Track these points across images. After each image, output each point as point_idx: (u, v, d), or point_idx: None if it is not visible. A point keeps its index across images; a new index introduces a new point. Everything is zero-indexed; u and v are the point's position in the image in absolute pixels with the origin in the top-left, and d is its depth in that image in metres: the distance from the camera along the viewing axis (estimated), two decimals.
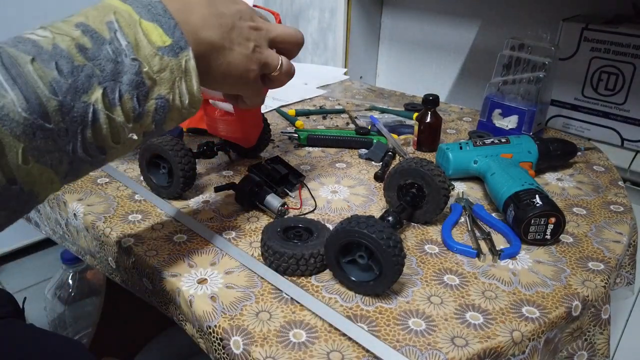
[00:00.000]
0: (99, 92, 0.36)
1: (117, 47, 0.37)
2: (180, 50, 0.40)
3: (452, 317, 0.47)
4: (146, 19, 0.39)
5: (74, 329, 1.35)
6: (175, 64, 0.39)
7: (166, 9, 0.40)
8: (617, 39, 0.86)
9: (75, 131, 0.35)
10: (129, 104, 0.38)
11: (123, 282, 0.60)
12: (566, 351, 0.53)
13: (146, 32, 0.38)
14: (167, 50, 0.39)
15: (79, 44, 0.35)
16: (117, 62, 0.37)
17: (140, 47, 0.38)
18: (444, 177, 0.59)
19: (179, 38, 0.40)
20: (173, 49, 0.39)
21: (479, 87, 1.19)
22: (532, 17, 1.08)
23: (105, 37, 0.37)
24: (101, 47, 0.36)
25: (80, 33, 0.36)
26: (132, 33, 0.38)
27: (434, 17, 1.25)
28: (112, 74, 0.36)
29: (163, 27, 0.39)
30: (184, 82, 0.41)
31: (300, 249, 0.51)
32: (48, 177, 0.35)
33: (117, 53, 0.37)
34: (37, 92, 0.33)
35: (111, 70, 0.36)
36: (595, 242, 0.59)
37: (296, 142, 0.85)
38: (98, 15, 0.37)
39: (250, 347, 0.43)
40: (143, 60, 0.38)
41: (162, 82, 0.39)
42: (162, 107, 0.40)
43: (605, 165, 0.79)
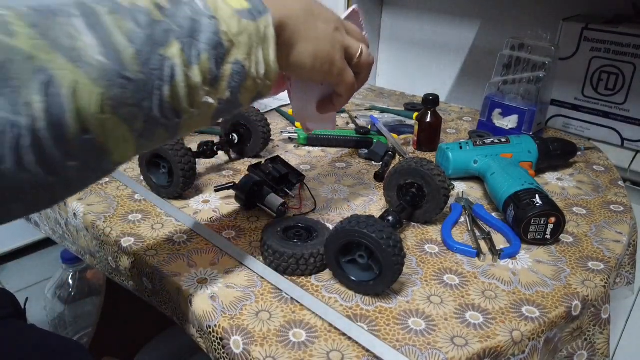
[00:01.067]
0: (176, 47, 0.35)
1: (195, 7, 0.36)
2: (259, 14, 0.39)
3: (452, 316, 0.47)
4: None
5: (74, 329, 1.35)
6: (254, 28, 0.38)
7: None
8: (617, 39, 0.85)
9: (153, 85, 0.34)
10: (206, 65, 0.36)
11: (123, 282, 0.60)
12: (566, 351, 0.53)
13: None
14: (246, 13, 0.38)
15: (156, 3, 0.35)
16: (194, 20, 0.36)
17: (218, 8, 0.37)
18: (444, 176, 0.59)
19: (258, 2, 0.39)
20: (251, 13, 0.38)
21: (479, 87, 1.19)
22: (532, 17, 1.08)
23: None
24: (178, 6, 0.36)
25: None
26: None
27: (434, 17, 1.25)
28: (190, 31, 0.35)
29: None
30: (261, 49, 0.39)
31: (300, 248, 0.51)
32: (122, 133, 0.34)
33: (194, 12, 0.36)
34: (113, 40, 0.32)
35: (189, 27, 0.35)
36: (595, 241, 0.59)
37: (296, 142, 0.85)
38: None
39: (250, 347, 0.43)
40: (221, 21, 0.37)
41: (239, 46, 0.38)
42: (237, 73, 0.39)
43: (605, 165, 0.79)
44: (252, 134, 0.77)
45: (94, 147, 0.33)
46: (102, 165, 0.35)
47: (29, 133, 0.29)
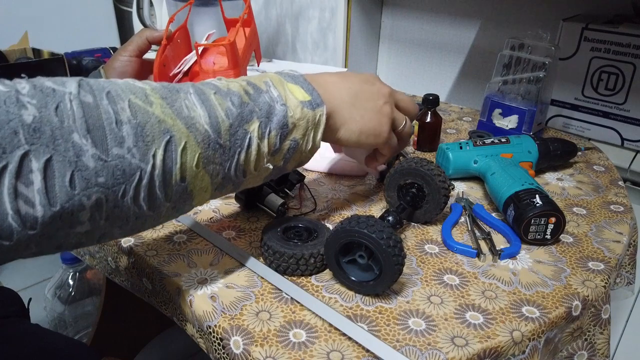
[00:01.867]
0: (256, 124, 0.45)
1: (271, 96, 0.47)
2: (317, 106, 0.49)
3: (452, 316, 0.47)
4: (291, 82, 0.49)
5: (74, 329, 1.35)
6: (312, 115, 0.48)
7: (306, 80, 0.50)
8: (617, 39, 0.85)
9: (235, 151, 0.44)
10: (273, 139, 0.46)
11: (123, 282, 0.60)
12: (566, 351, 0.53)
13: (291, 90, 0.48)
14: (307, 104, 0.48)
15: (245, 89, 0.46)
16: (271, 105, 0.46)
17: (288, 99, 0.47)
18: (444, 176, 0.59)
19: (316, 97, 0.49)
20: (311, 104, 0.48)
21: (479, 87, 1.19)
22: (532, 17, 1.08)
23: (263, 88, 0.47)
24: (260, 94, 0.46)
25: (246, 83, 0.46)
26: (282, 89, 0.48)
27: (434, 17, 1.25)
28: (267, 113, 0.46)
29: (304, 88, 0.49)
30: (313, 132, 0.49)
31: (300, 248, 0.51)
32: (205, 184, 0.43)
33: (271, 99, 0.46)
34: (216, 114, 0.42)
35: (266, 110, 0.46)
36: (596, 242, 0.59)
37: None
38: (257, 77, 0.48)
39: (250, 347, 0.43)
40: (290, 108, 0.47)
41: (299, 128, 0.48)
42: (293, 148, 0.48)
43: (605, 165, 0.79)
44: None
45: (185, 192, 0.42)
46: (184, 207, 0.43)
47: (148, 177, 0.38)
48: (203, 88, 0.44)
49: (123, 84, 0.39)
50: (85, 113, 0.34)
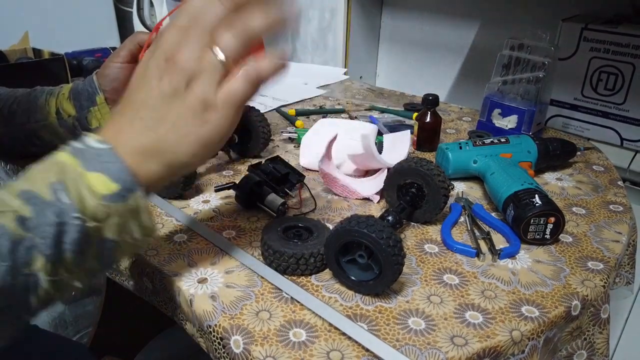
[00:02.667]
0: (40, 262, 0.35)
1: (60, 210, 0.36)
2: (128, 192, 0.39)
3: (451, 316, 0.47)
4: (91, 170, 0.38)
5: (74, 329, 1.35)
6: (123, 208, 0.39)
7: (115, 153, 0.39)
8: (617, 39, 0.86)
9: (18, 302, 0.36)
10: (71, 262, 0.37)
11: (123, 282, 0.60)
12: (565, 350, 0.53)
13: (91, 184, 0.37)
14: (114, 197, 0.38)
15: (19, 217, 0.35)
16: (59, 224, 0.36)
17: (84, 200, 0.37)
18: (443, 176, 0.59)
19: (128, 183, 0.38)
20: (120, 194, 0.38)
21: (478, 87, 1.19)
22: (532, 17, 1.08)
23: (47, 200, 0.36)
24: (44, 212, 0.36)
25: (21, 203, 0.36)
26: (76, 189, 0.37)
27: (434, 17, 1.25)
28: (55, 238, 0.36)
29: (109, 173, 0.38)
30: (135, 219, 0.40)
31: (300, 248, 0.51)
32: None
33: (59, 215, 0.36)
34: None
35: (53, 234, 0.36)
36: (595, 241, 0.59)
37: (296, 142, 0.85)
38: (43, 178, 0.37)
39: (251, 347, 0.43)
40: (87, 214, 0.37)
41: (109, 228, 0.38)
42: (107, 249, 0.39)
43: (604, 165, 0.79)
44: (252, 134, 0.77)
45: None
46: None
47: None
48: None
49: None
50: None
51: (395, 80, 1.40)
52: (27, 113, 0.70)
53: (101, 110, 0.70)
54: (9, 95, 0.72)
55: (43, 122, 0.70)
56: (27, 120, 0.70)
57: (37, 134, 0.71)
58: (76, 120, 0.71)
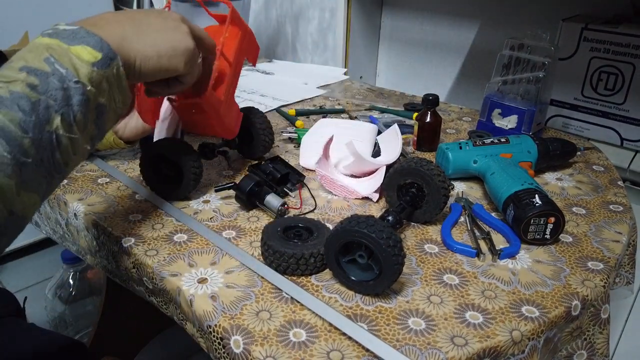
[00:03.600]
0: (58, 120, 0.41)
1: (60, 76, 0.41)
2: (111, 60, 0.45)
3: (451, 316, 0.47)
4: (76, 44, 0.43)
5: (75, 329, 1.35)
6: (109, 73, 0.45)
7: (88, 30, 0.44)
8: (617, 39, 0.86)
9: (48, 157, 0.41)
10: (80, 121, 0.43)
11: (123, 282, 0.60)
12: (565, 350, 0.53)
13: (78, 54, 0.43)
14: (100, 64, 0.44)
15: (29, 84, 0.40)
16: (64, 88, 0.41)
17: (79, 69, 0.42)
18: (443, 176, 0.59)
19: (107, 49, 0.44)
20: (105, 61, 0.44)
21: (478, 87, 1.19)
22: (532, 17, 1.08)
23: (48, 70, 0.41)
24: (47, 80, 0.41)
25: (26, 74, 0.40)
26: (67, 60, 0.42)
27: (434, 17, 1.25)
28: (64, 100, 0.41)
29: (90, 44, 0.44)
30: (117, 86, 0.46)
31: (300, 248, 0.51)
32: (34, 201, 0.41)
33: (62, 80, 0.41)
34: (13, 135, 0.38)
35: (62, 97, 0.41)
36: (595, 241, 0.59)
37: (296, 142, 0.85)
38: (34, 56, 0.42)
39: (251, 347, 0.43)
40: (84, 79, 0.43)
41: (101, 92, 0.44)
42: (101, 112, 0.45)
43: (604, 165, 0.79)
44: (253, 138, 0.76)
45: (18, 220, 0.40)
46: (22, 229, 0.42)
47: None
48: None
49: None
50: None
51: (395, 80, 1.40)
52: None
53: None
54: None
55: None
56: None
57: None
58: None
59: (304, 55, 1.44)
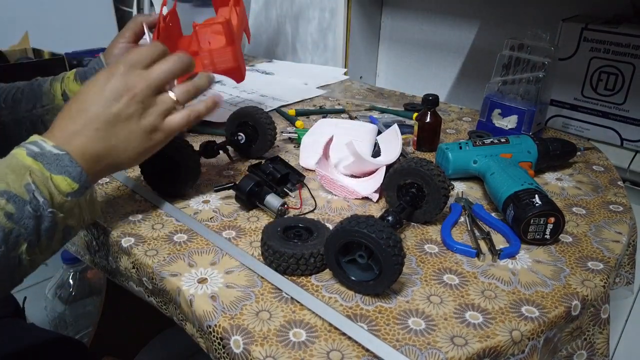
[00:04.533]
0: (24, 247, 0.44)
1: (36, 204, 0.45)
2: (85, 189, 0.49)
3: (451, 316, 0.47)
4: (56, 173, 0.47)
5: (75, 329, 1.35)
6: (83, 200, 0.49)
7: (71, 158, 0.48)
8: (617, 39, 0.86)
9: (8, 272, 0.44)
10: (45, 244, 0.47)
11: (123, 282, 0.60)
12: (565, 350, 0.53)
13: (57, 184, 0.47)
14: (75, 194, 0.48)
15: (6, 212, 0.43)
16: (37, 217, 0.45)
17: (54, 197, 0.46)
18: (443, 176, 0.59)
19: (84, 181, 0.48)
20: (80, 191, 0.48)
21: (478, 87, 1.19)
22: (532, 17, 1.08)
23: (26, 198, 0.44)
24: (23, 208, 0.44)
25: (5, 201, 0.44)
26: (46, 189, 0.46)
27: (434, 17, 1.25)
28: (35, 228, 0.45)
29: (70, 176, 0.47)
30: (88, 209, 0.50)
31: (300, 248, 0.51)
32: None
33: (36, 209, 0.45)
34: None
35: (33, 225, 0.45)
36: (595, 241, 0.59)
37: (296, 142, 0.85)
38: (17, 179, 0.45)
39: (250, 347, 0.43)
40: (57, 208, 0.46)
41: (71, 217, 0.48)
42: (68, 233, 0.49)
43: (604, 165, 0.79)
44: (259, 135, 0.76)
45: None
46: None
47: None
48: None
49: None
50: None
51: (395, 80, 1.40)
52: (32, 100, 0.72)
53: None
54: (10, 86, 0.74)
55: (49, 106, 0.72)
56: (33, 106, 0.72)
57: (42, 119, 0.72)
58: None
59: (304, 56, 1.44)
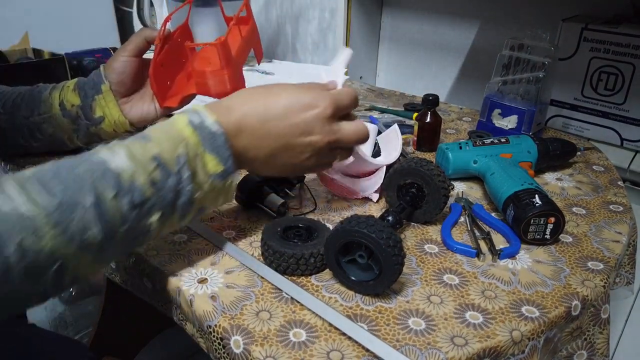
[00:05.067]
0: (157, 215, 0.44)
1: (180, 178, 0.45)
2: (228, 175, 0.48)
3: (451, 316, 0.47)
4: (209, 150, 0.46)
5: (75, 329, 1.35)
6: (221, 185, 0.48)
7: (226, 140, 0.47)
8: (617, 39, 0.86)
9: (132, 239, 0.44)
10: (177, 217, 0.46)
11: (123, 282, 0.60)
12: (565, 351, 0.53)
13: (205, 162, 0.46)
14: (218, 176, 0.47)
15: (152, 178, 0.43)
16: (177, 190, 0.45)
17: (198, 175, 0.46)
18: (443, 176, 0.59)
19: (230, 167, 0.48)
20: (223, 175, 0.48)
21: (478, 87, 1.19)
22: (532, 17, 1.08)
23: (173, 170, 0.44)
24: (168, 179, 0.44)
25: (154, 167, 0.44)
26: (194, 164, 0.46)
27: (434, 17, 1.25)
28: (171, 201, 0.45)
29: (220, 157, 0.47)
30: (222, 195, 0.50)
31: (300, 248, 0.51)
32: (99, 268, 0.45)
33: (179, 182, 0.45)
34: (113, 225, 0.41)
35: (171, 198, 0.45)
36: (595, 241, 0.59)
37: None
38: (170, 148, 0.45)
39: (251, 347, 0.43)
40: (198, 186, 0.46)
41: (207, 198, 0.48)
42: (201, 211, 0.49)
43: (604, 165, 0.79)
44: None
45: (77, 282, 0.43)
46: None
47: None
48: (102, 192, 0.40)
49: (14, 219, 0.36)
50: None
51: (395, 80, 1.40)
52: (31, 106, 0.71)
53: (105, 98, 0.72)
54: (12, 91, 0.73)
55: (46, 114, 0.72)
56: (31, 114, 0.71)
57: (39, 127, 0.72)
58: (80, 109, 0.72)
59: (304, 56, 1.44)
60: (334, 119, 0.52)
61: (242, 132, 0.49)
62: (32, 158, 0.76)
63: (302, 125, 0.50)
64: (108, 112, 0.72)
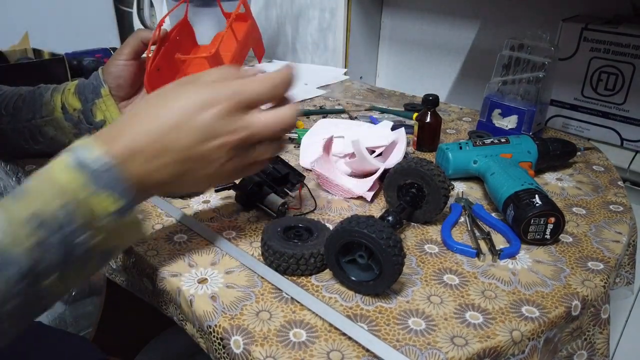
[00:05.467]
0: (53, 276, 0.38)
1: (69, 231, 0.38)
2: (129, 209, 0.42)
3: (451, 316, 0.47)
4: (100, 189, 0.40)
5: (75, 329, 1.35)
6: (128, 221, 0.42)
7: (119, 172, 0.41)
8: (617, 39, 0.86)
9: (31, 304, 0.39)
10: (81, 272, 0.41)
11: (123, 282, 0.60)
12: (566, 351, 0.53)
13: (98, 203, 0.40)
14: (118, 214, 0.41)
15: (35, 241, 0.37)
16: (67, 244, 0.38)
17: (94, 219, 0.40)
18: (443, 177, 0.59)
19: (130, 200, 0.41)
20: (123, 211, 0.41)
21: (478, 87, 1.19)
22: (532, 17, 1.08)
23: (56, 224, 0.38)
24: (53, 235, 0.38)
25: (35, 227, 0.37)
26: (85, 210, 0.39)
27: (434, 17, 1.25)
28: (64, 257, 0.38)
29: (115, 193, 0.40)
30: (133, 231, 0.44)
31: (300, 248, 0.51)
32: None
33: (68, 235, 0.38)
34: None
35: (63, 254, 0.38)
36: (595, 241, 0.59)
37: (296, 142, 0.85)
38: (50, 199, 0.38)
39: (251, 347, 0.43)
40: (97, 230, 0.40)
41: (112, 239, 0.42)
42: (107, 256, 0.43)
43: (604, 165, 0.79)
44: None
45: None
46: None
47: None
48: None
49: None
50: None
51: (395, 80, 1.40)
52: (32, 109, 0.71)
53: (106, 102, 0.72)
54: (13, 92, 0.73)
55: (48, 117, 0.71)
56: (33, 116, 0.71)
57: (41, 130, 0.71)
58: (81, 114, 0.71)
59: (304, 56, 1.44)
60: (241, 113, 0.45)
61: (135, 157, 0.42)
62: (32, 159, 0.76)
63: (202, 129, 0.43)
64: (109, 115, 0.72)
